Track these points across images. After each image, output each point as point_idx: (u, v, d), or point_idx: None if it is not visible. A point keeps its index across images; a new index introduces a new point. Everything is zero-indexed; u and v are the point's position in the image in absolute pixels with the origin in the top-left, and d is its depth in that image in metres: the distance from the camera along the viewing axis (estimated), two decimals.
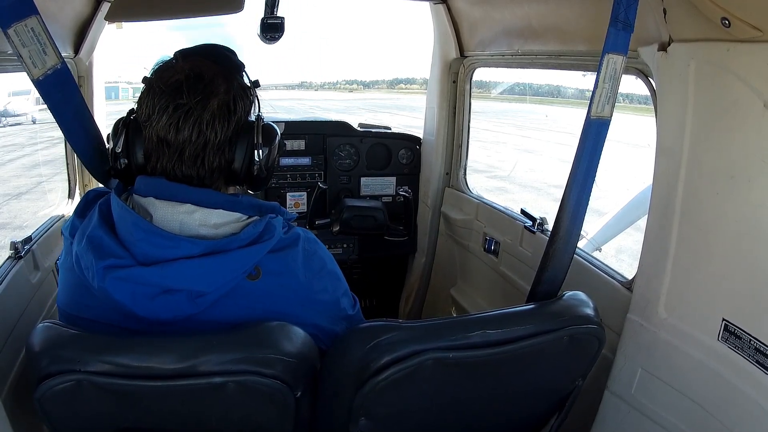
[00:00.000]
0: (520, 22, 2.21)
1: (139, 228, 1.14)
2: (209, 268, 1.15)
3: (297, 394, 1.15)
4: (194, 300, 1.15)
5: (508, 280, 2.48)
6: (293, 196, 3.03)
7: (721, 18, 1.26)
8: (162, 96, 1.19)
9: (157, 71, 1.24)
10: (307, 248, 1.29)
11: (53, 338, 1.12)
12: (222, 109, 1.21)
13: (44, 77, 1.27)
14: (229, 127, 1.22)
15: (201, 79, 1.19)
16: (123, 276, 1.12)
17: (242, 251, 1.17)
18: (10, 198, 12.12)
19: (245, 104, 1.26)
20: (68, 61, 2.35)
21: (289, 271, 1.25)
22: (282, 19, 2.42)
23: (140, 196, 1.21)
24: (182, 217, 1.18)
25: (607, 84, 1.39)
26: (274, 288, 1.23)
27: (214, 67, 1.23)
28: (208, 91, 1.19)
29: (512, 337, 1.23)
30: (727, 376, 1.38)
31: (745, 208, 1.34)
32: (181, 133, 1.19)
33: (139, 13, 2.10)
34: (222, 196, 1.24)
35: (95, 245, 1.15)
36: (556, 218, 1.48)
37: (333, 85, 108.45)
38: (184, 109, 1.18)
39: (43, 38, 1.24)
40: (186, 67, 1.21)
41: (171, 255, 1.13)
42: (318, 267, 1.30)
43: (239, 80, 1.27)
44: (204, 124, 1.19)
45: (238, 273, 1.18)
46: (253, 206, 1.26)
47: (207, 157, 1.21)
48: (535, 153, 19.53)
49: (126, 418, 1.16)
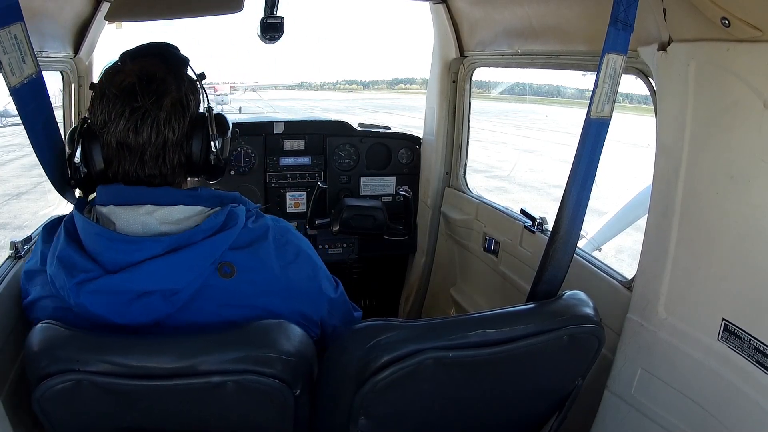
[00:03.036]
0: (520, 22, 2.21)
1: (102, 237, 1.16)
2: (176, 263, 1.15)
3: (296, 392, 1.15)
4: (169, 299, 1.16)
5: (508, 279, 2.48)
6: (293, 196, 3.03)
7: (721, 18, 1.26)
8: (116, 101, 1.20)
9: (106, 76, 1.24)
10: (279, 238, 1.30)
11: (52, 338, 1.12)
12: (176, 107, 1.23)
13: (20, 86, 1.26)
14: (184, 122, 1.24)
15: (153, 80, 1.21)
16: (94, 288, 1.13)
17: (207, 242, 1.18)
18: (10, 198, 12.12)
19: (196, 98, 1.28)
20: (68, 61, 2.35)
21: (263, 264, 1.25)
22: (282, 19, 2.42)
23: (101, 206, 1.22)
24: (143, 219, 1.19)
25: (606, 84, 1.39)
26: (250, 284, 1.23)
27: (162, 66, 1.24)
28: (161, 90, 1.21)
29: (512, 337, 1.23)
30: (727, 376, 1.38)
31: (745, 208, 1.34)
32: (140, 136, 1.20)
33: (139, 13, 2.10)
34: (181, 192, 1.25)
35: (65, 264, 1.16)
36: (556, 218, 1.48)
37: (333, 85, 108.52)
38: (140, 112, 1.19)
39: (24, 46, 1.24)
40: (135, 69, 1.22)
41: (137, 258, 1.14)
42: (292, 255, 1.31)
43: (187, 75, 1.29)
44: (161, 124, 1.21)
45: (207, 264, 1.18)
46: (214, 197, 1.27)
47: (168, 155, 1.23)
48: (535, 153, 19.53)
49: (125, 418, 1.16)
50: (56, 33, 2.17)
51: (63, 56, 2.30)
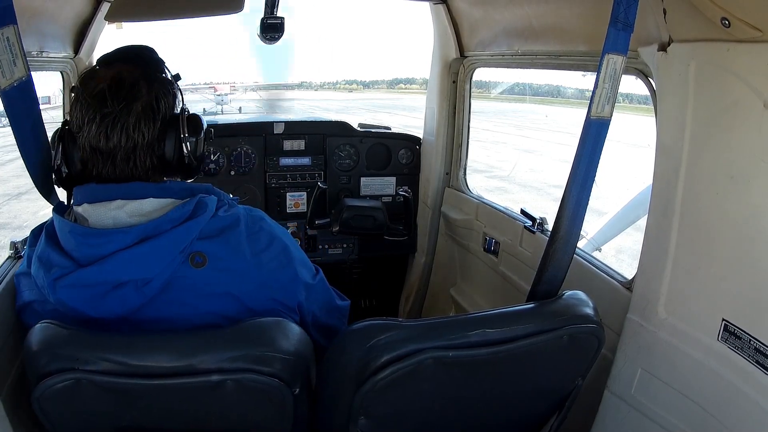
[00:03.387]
0: (520, 22, 2.21)
1: (75, 233, 1.19)
2: (146, 253, 1.18)
3: (294, 391, 1.15)
4: (141, 289, 1.18)
5: (508, 280, 2.48)
6: (293, 196, 3.03)
7: (721, 18, 1.26)
8: (89, 107, 1.22)
9: (81, 81, 1.26)
10: (251, 226, 1.32)
11: (52, 337, 1.12)
12: (146, 111, 1.24)
13: (10, 88, 1.27)
14: (155, 126, 1.26)
15: (122, 85, 1.23)
16: (69, 282, 1.16)
17: (176, 230, 1.20)
18: (10, 198, 12.12)
19: (168, 100, 1.29)
20: (68, 61, 2.35)
21: (235, 252, 1.27)
22: (282, 19, 2.42)
23: (77, 205, 1.25)
24: (114, 213, 1.22)
25: (607, 84, 1.39)
26: (222, 272, 1.25)
27: (135, 71, 1.26)
28: (130, 96, 1.23)
29: (512, 337, 1.23)
30: (727, 376, 1.38)
31: (745, 208, 1.34)
32: (110, 141, 1.23)
33: (139, 13, 2.10)
34: (151, 186, 1.27)
35: (44, 262, 1.20)
36: (556, 218, 1.48)
37: (333, 85, 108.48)
38: (110, 118, 1.22)
39: (16, 49, 1.25)
40: (108, 75, 1.24)
41: (107, 250, 1.17)
42: (265, 243, 1.32)
43: (160, 78, 1.30)
44: (131, 128, 1.23)
45: (176, 253, 1.20)
46: (184, 189, 1.29)
47: (138, 158, 1.25)
48: (535, 153, 19.54)
49: (124, 417, 1.16)
50: (56, 33, 2.17)
51: (63, 56, 2.30)
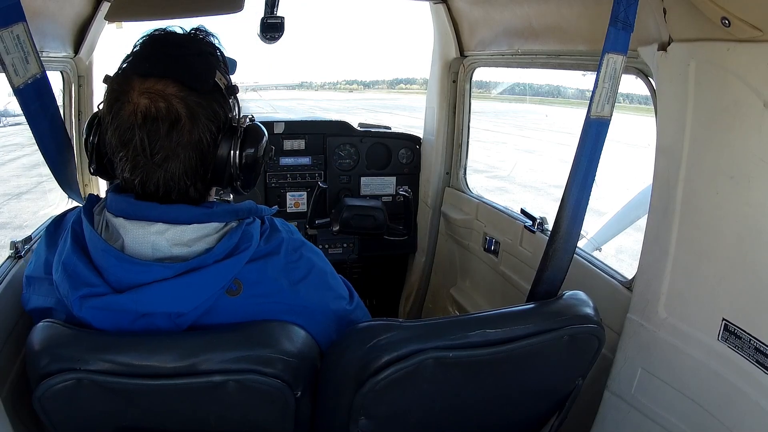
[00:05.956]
0: (520, 22, 2.21)
1: (109, 255, 1.10)
2: (185, 287, 1.10)
3: (297, 393, 1.15)
4: (174, 321, 1.12)
5: (508, 279, 2.48)
6: (293, 196, 3.03)
7: (721, 18, 1.26)
8: (119, 143, 1.09)
9: (108, 103, 1.12)
10: (291, 254, 1.24)
11: (53, 337, 1.12)
12: (189, 157, 1.11)
13: (24, 86, 1.24)
14: (203, 163, 1.14)
15: (157, 126, 1.07)
16: (99, 305, 1.09)
17: (218, 266, 1.12)
18: (10, 198, 12.11)
19: (218, 125, 1.14)
20: (68, 61, 2.35)
21: (271, 280, 1.20)
22: (282, 19, 2.42)
23: (112, 215, 1.15)
24: (154, 239, 1.12)
25: (606, 84, 1.39)
26: (257, 301, 1.18)
27: (175, 96, 1.08)
28: (168, 143, 1.08)
29: (512, 337, 1.23)
30: (727, 376, 1.38)
31: (745, 208, 1.34)
32: (147, 188, 1.12)
33: (139, 13, 2.10)
34: (195, 210, 1.15)
35: (69, 273, 1.11)
36: (556, 218, 1.48)
37: (333, 85, 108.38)
38: (144, 170, 1.10)
39: (27, 46, 1.22)
40: (141, 105, 1.07)
41: (144, 279, 1.09)
42: (304, 271, 1.25)
43: (208, 100, 1.12)
44: (170, 180, 1.12)
45: (216, 289, 1.13)
46: (228, 212, 1.18)
47: (183, 185, 1.14)
48: (536, 153, 19.52)
49: (126, 417, 1.16)
50: (56, 33, 2.17)
51: (63, 56, 2.30)
